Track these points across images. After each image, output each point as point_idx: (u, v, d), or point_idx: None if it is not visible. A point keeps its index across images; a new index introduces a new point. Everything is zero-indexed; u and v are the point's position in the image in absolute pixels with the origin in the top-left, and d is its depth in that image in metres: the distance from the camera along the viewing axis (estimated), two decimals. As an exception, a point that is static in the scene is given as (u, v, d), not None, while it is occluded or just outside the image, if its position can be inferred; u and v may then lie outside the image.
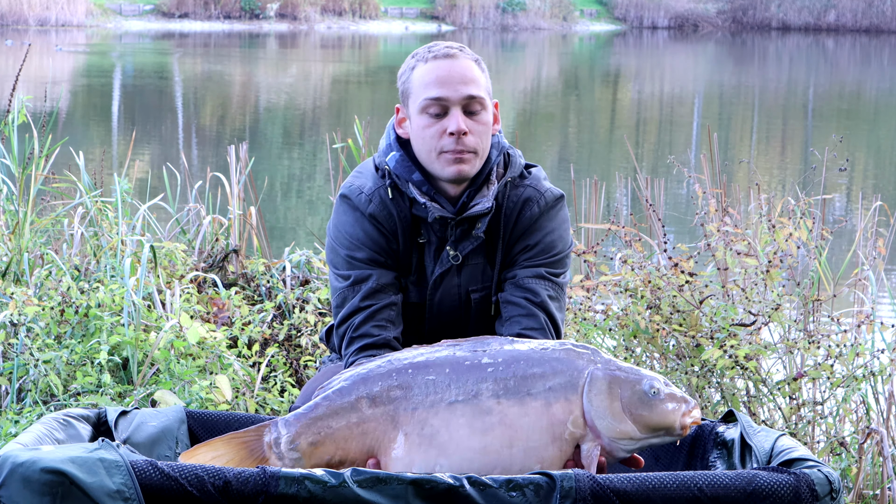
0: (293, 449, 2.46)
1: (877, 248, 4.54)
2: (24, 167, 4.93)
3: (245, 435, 2.48)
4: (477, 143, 2.81)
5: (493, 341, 2.49)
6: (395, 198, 2.86)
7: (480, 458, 2.40)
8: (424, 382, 2.44)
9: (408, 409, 2.44)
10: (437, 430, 2.41)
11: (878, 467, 3.67)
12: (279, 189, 11.15)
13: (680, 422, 2.43)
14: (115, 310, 4.22)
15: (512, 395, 2.42)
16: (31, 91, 15.26)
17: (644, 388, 2.42)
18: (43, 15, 34.19)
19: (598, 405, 2.42)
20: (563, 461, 2.43)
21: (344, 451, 2.46)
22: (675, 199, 10.46)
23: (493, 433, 2.40)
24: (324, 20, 38.47)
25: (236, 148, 5.78)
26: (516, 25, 40.24)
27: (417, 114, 2.82)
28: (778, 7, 42.39)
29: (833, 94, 23.59)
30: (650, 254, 4.64)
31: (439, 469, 2.40)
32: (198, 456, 2.45)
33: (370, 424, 2.45)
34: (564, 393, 2.42)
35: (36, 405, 3.91)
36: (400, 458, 2.43)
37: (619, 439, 2.42)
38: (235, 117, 17.51)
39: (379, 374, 2.46)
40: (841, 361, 3.72)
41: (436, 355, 2.47)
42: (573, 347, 2.47)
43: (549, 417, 2.41)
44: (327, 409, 2.47)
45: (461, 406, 2.41)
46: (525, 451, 2.41)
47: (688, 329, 3.87)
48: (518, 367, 2.43)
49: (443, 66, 2.81)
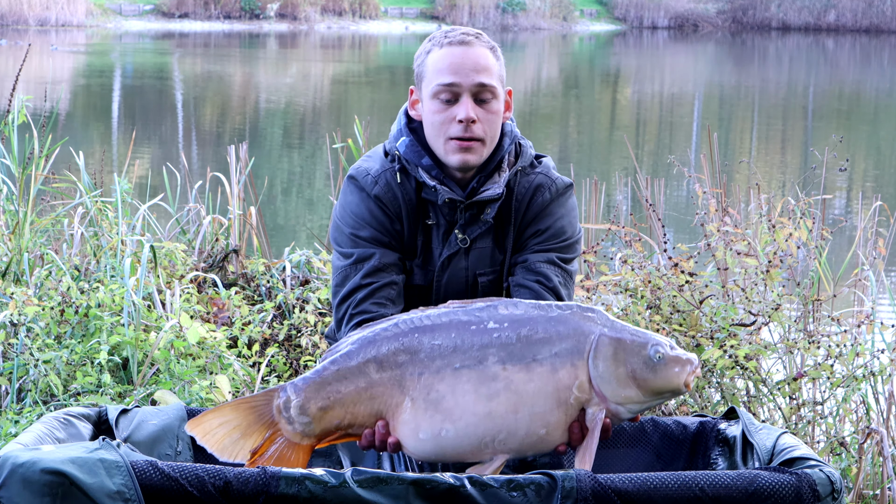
0: (303, 413, 2.47)
1: (877, 248, 4.54)
2: (24, 167, 4.93)
3: (253, 400, 2.48)
4: (485, 131, 2.84)
5: (499, 304, 2.49)
6: (403, 182, 2.89)
7: (486, 424, 2.42)
8: (430, 347, 2.45)
9: (414, 373, 2.45)
10: (442, 395, 2.43)
11: (878, 467, 3.67)
12: (279, 189, 11.15)
13: (684, 382, 2.45)
14: (115, 310, 4.22)
15: (517, 360, 2.43)
16: (30, 91, 15.25)
17: (649, 352, 2.44)
18: (43, 15, 34.18)
19: (603, 371, 2.43)
20: (567, 425, 2.44)
21: (353, 414, 2.48)
22: (675, 199, 10.46)
23: (498, 399, 2.42)
24: (324, 20, 38.46)
25: (236, 148, 5.78)
26: (516, 25, 40.24)
27: (429, 98, 2.84)
28: (778, 7, 42.38)
29: (833, 94, 23.59)
30: (650, 254, 4.64)
31: (445, 433, 2.42)
32: (205, 423, 2.46)
33: (378, 389, 2.47)
34: (570, 358, 2.43)
35: (36, 405, 3.91)
36: (407, 423, 2.45)
37: (624, 403, 2.45)
38: (235, 117, 17.51)
39: (385, 338, 2.47)
40: (841, 361, 3.72)
41: (442, 319, 2.48)
42: (579, 310, 2.48)
43: (555, 383, 2.43)
44: (336, 374, 2.48)
45: (467, 372, 2.43)
46: (531, 416, 2.42)
47: (688, 329, 3.87)
48: (523, 332, 2.44)
49: (457, 52, 2.83)
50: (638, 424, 2.78)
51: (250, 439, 2.48)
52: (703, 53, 35.16)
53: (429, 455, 2.48)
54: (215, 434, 2.47)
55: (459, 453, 2.46)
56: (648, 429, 2.78)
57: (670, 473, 2.26)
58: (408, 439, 2.46)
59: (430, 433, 2.43)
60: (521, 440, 2.43)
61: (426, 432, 2.44)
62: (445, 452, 2.47)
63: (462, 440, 2.43)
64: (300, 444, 2.49)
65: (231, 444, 2.47)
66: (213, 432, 2.47)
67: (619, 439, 2.79)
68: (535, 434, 2.42)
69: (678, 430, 2.76)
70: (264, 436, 2.48)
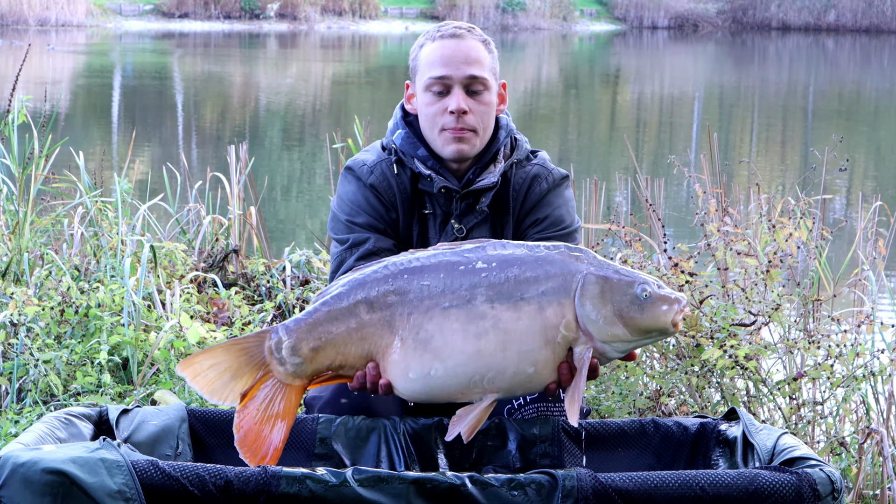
0: (295, 354, 2.50)
1: (877, 248, 4.54)
2: (24, 167, 4.93)
3: (245, 341, 2.50)
4: (477, 122, 2.89)
5: (487, 245, 2.52)
6: (400, 172, 2.95)
7: (474, 362, 2.44)
8: (419, 287, 2.47)
9: (403, 314, 2.47)
10: (431, 334, 2.45)
11: (878, 467, 3.67)
12: (279, 189, 11.14)
13: (672, 321, 2.46)
14: (115, 310, 4.22)
15: (505, 299, 2.45)
16: (30, 91, 15.25)
17: (636, 291, 2.45)
18: (43, 15, 34.18)
19: (590, 309, 2.45)
20: (556, 364, 2.47)
21: (343, 355, 2.51)
22: (675, 199, 10.46)
23: (486, 337, 2.44)
24: (324, 20, 38.46)
25: (236, 148, 5.78)
26: (516, 25, 40.24)
27: (422, 91, 2.91)
28: (778, 7, 42.38)
29: (833, 94, 23.59)
30: (650, 254, 4.64)
31: (434, 372, 2.45)
32: (195, 364, 2.47)
33: (368, 330, 2.49)
34: (557, 297, 2.45)
35: (36, 405, 3.91)
36: (397, 363, 2.48)
37: (611, 342, 2.47)
38: (235, 117, 17.50)
39: (375, 279, 2.50)
40: (841, 361, 3.72)
41: (431, 260, 2.50)
42: (566, 250, 2.51)
43: (543, 321, 2.45)
44: (327, 315, 2.50)
45: (455, 311, 2.45)
46: (518, 355, 2.44)
47: (688, 329, 3.87)
48: (511, 272, 2.47)
49: (448, 45, 2.89)
50: (638, 426, 2.78)
51: (241, 381, 2.49)
52: (703, 53, 35.16)
53: (418, 395, 2.51)
54: (206, 376, 2.48)
55: (449, 393, 2.49)
56: (649, 430, 2.78)
57: (671, 472, 2.26)
58: (398, 380, 2.49)
59: (420, 373, 2.46)
60: (510, 379, 2.46)
61: (415, 372, 2.46)
62: (435, 392, 2.49)
63: (451, 379, 2.46)
64: (291, 385, 2.51)
65: (222, 387, 2.48)
66: (203, 374, 2.47)
67: (620, 441, 2.79)
68: (524, 372, 2.45)
69: (679, 431, 2.76)
70: (255, 377, 2.49)
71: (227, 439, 2.74)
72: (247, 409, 2.48)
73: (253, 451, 2.46)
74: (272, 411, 2.49)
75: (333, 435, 2.75)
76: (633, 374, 3.84)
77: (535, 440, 2.76)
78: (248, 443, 2.46)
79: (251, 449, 2.46)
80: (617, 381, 3.83)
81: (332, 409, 2.83)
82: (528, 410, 2.82)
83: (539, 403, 2.81)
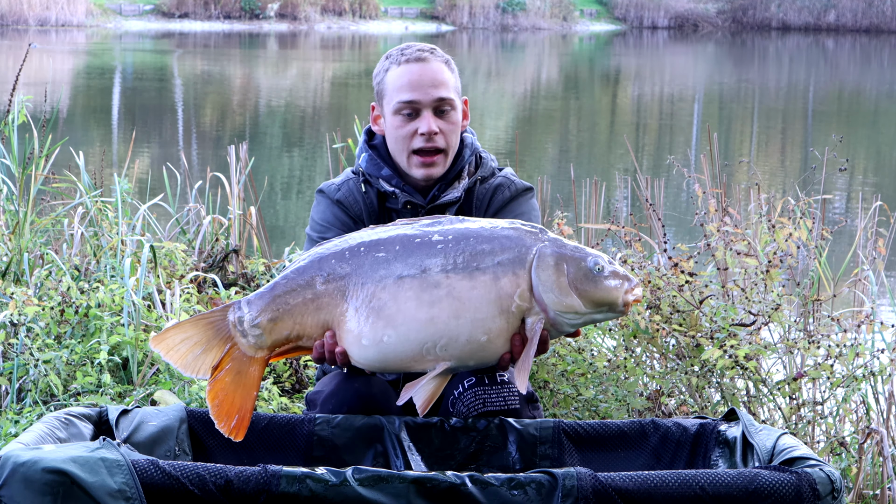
0: (255, 326, 2.60)
1: (877, 248, 4.54)
2: (24, 167, 4.93)
3: (211, 315, 2.62)
4: (447, 141, 3.00)
5: (444, 220, 2.60)
6: (367, 191, 3.07)
7: (427, 329, 2.51)
8: (374, 259, 2.55)
9: (357, 283, 2.55)
10: (384, 302, 2.52)
11: (878, 467, 3.67)
12: (279, 189, 11.15)
13: (623, 298, 2.54)
14: (115, 310, 4.22)
15: (461, 269, 2.52)
16: (28, 91, 15.25)
17: (589, 264, 2.54)
18: (43, 15, 34.17)
19: (545, 280, 2.52)
20: (509, 334, 2.54)
21: (301, 325, 2.59)
22: (675, 199, 10.46)
23: (440, 305, 2.50)
24: (324, 20, 38.46)
25: (236, 148, 5.78)
26: (516, 25, 40.23)
27: (391, 114, 3.01)
28: (778, 7, 42.37)
29: (833, 94, 23.59)
30: (650, 254, 4.64)
31: (387, 339, 2.52)
32: (168, 338, 2.59)
33: (323, 300, 2.57)
34: (512, 267, 2.53)
35: (36, 405, 3.91)
36: (351, 331, 2.55)
37: (564, 313, 2.54)
38: (235, 117, 17.51)
39: (333, 253, 2.59)
40: (841, 361, 3.72)
41: (388, 234, 2.59)
42: (521, 226, 2.59)
43: (497, 290, 2.52)
44: (285, 287, 2.60)
45: (409, 280, 2.52)
46: (472, 323, 2.51)
47: (688, 329, 3.87)
48: (468, 244, 2.54)
49: (414, 69, 2.98)
50: (638, 427, 2.78)
51: (210, 354, 2.61)
52: (703, 53, 35.15)
53: (372, 363, 2.58)
54: (178, 350, 2.60)
55: (402, 360, 2.55)
56: (649, 431, 2.78)
57: (671, 472, 2.26)
58: (352, 347, 2.56)
59: (372, 339, 2.53)
60: (463, 347, 2.52)
61: (368, 339, 2.53)
62: (388, 360, 2.56)
63: (403, 346, 2.52)
64: (254, 357, 2.62)
65: (193, 360, 2.61)
66: (176, 348, 2.60)
67: (620, 441, 2.79)
68: (477, 341, 2.51)
69: (678, 431, 2.76)
70: (223, 349, 2.61)
71: (227, 440, 2.75)
72: (216, 382, 2.60)
73: (225, 421, 2.58)
74: (239, 383, 2.60)
75: (332, 435, 2.76)
76: (632, 374, 3.84)
77: (534, 441, 2.76)
78: (221, 413, 2.59)
79: (223, 419, 2.58)
80: (617, 381, 3.83)
81: (335, 400, 2.86)
82: (468, 396, 2.86)
83: (477, 388, 2.86)
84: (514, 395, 2.87)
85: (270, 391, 4.20)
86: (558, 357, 3.86)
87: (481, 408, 2.84)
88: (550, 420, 2.78)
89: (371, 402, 2.84)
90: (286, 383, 4.37)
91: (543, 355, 3.68)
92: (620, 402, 3.79)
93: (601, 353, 3.97)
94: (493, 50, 34.36)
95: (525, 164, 11.95)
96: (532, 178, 10.31)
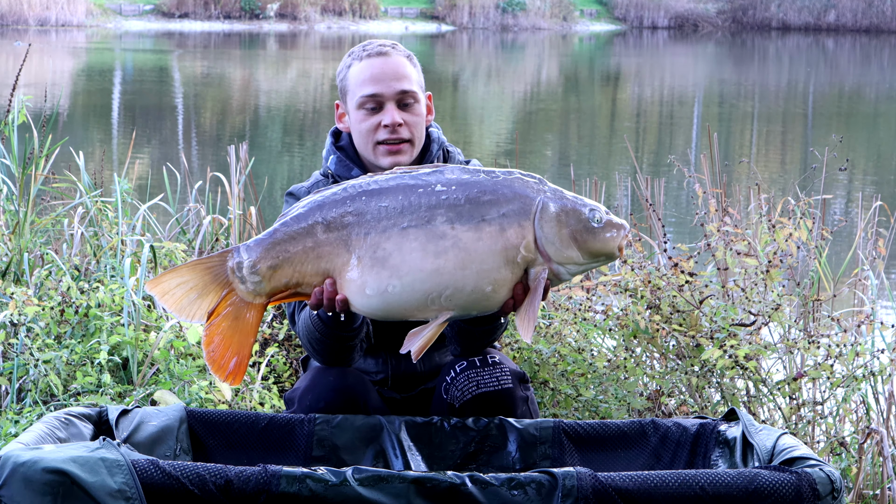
0: (254, 273, 2.60)
1: (877, 248, 4.54)
2: (24, 167, 4.93)
3: (209, 261, 2.62)
4: (412, 133, 3.01)
5: (445, 169, 2.61)
6: None
7: (432, 279, 2.52)
8: (377, 209, 2.56)
9: (360, 233, 2.56)
10: (389, 252, 2.54)
11: (878, 467, 3.67)
12: (279, 189, 11.14)
13: (618, 246, 2.60)
14: (115, 310, 4.22)
15: (466, 220, 2.54)
16: (28, 91, 15.25)
17: (589, 216, 2.58)
18: (43, 15, 34.18)
19: (548, 231, 2.56)
20: (513, 283, 2.57)
21: (300, 273, 2.60)
22: (675, 199, 10.46)
23: (446, 256, 2.52)
24: (324, 20, 38.46)
25: (236, 148, 5.78)
26: (516, 25, 40.23)
27: (355, 109, 3.01)
28: (778, 7, 42.37)
29: (833, 94, 23.58)
30: (650, 254, 4.64)
31: (391, 289, 2.53)
32: (164, 282, 2.59)
33: (325, 248, 2.58)
34: (517, 219, 2.56)
35: (36, 405, 3.91)
36: (353, 280, 2.56)
37: (565, 263, 2.58)
38: (235, 117, 17.51)
39: (334, 201, 2.60)
40: (841, 361, 3.72)
41: (389, 183, 2.59)
42: (521, 176, 2.62)
43: (504, 241, 2.55)
44: (285, 235, 2.60)
45: (414, 231, 2.54)
46: (478, 273, 2.53)
47: (688, 329, 3.87)
48: (472, 195, 2.56)
49: (376, 63, 2.99)
50: (638, 427, 2.78)
51: (207, 299, 2.60)
52: (703, 53, 35.15)
53: (375, 311, 2.59)
54: (174, 294, 2.60)
55: (405, 309, 2.57)
56: (648, 431, 2.78)
57: (671, 472, 2.26)
58: (354, 296, 2.57)
59: (376, 289, 2.54)
60: (467, 296, 2.55)
61: (372, 288, 2.54)
62: (391, 308, 2.57)
63: (408, 295, 2.54)
64: (252, 303, 2.62)
65: (189, 304, 2.60)
66: (171, 292, 2.60)
67: (620, 441, 2.79)
68: (482, 291, 2.54)
69: (678, 431, 2.76)
70: (220, 295, 2.61)
71: (227, 440, 2.75)
72: (213, 327, 2.60)
73: (221, 366, 2.59)
74: (236, 328, 2.61)
75: (332, 435, 2.76)
76: (632, 374, 3.84)
77: (535, 441, 2.76)
78: (217, 359, 2.59)
79: (219, 364, 2.59)
80: (617, 381, 3.83)
81: (311, 396, 2.86)
82: (461, 380, 2.88)
83: (470, 371, 2.88)
84: (507, 375, 2.89)
85: (270, 391, 4.21)
86: (559, 357, 3.86)
87: (475, 390, 2.86)
88: (550, 420, 2.78)
89: (348, 392, 2.86)
90: (286, 383, 4.37)
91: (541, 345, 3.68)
92: (620, 402, 3.79)
93: (601, 353, 3.97)
94: (493, 50, 34.36)
95: (525, 163, 11.94)
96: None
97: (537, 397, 3.83)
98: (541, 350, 3.84)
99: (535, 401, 2.99)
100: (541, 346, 3.84)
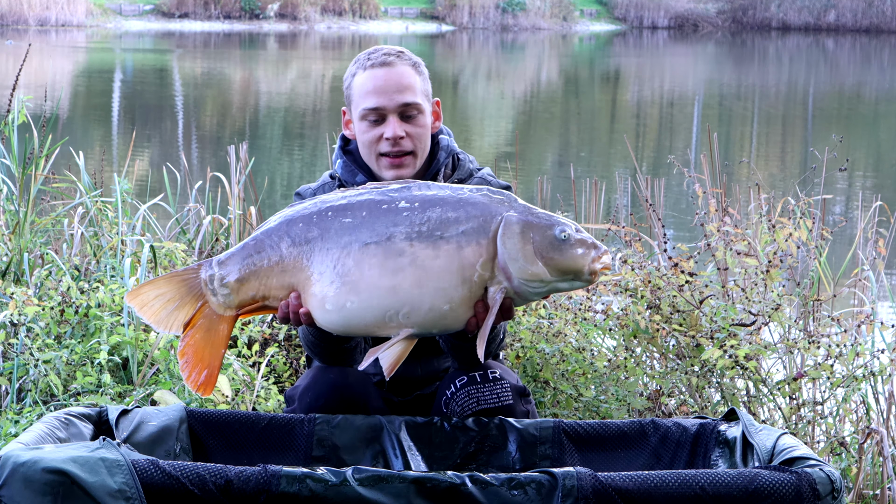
0: (224, 285, 2.66)
1: (877, 248, 4.55)
2: (24, 167, 4.93)
3: (185, 273, 2.69)
4: (415, 144, 2.99)
5: (413, 186, 2.62)
6: None
7: (390, 297, 2.54)
8: (341, 224, 2.59)
9: (323, 248, 2.59)
10: (348, 269, 2.56)
11: (878, 467, 3.67)
12: (279, 189, 11.14)
13: (589, 267, 2.56)
14: (115, 310, 4.22)
15: (425, 238, 2.55)
16: (28, 91, 15.25)
17: (555, 232, 2.55)
18: (43, 15, 34.17)
19: (510, 248, 2.54)
20: (472, 301, 2.56)
21: (266, 286, 2.65)
22: (675, 199, 10.46)
23: (403, 273, 2.53)
24: (324, 20, 38.46)
25: (236, 148, 5.78)
26: (516, 25, 40.23)
27: (358, 120, 3.01)
28: (778, 7, 42.37)
29: (833, 94, 23.58)
30: (650, 254, 4.64)
31: (350, 305, 2.55)
32: (142, 294, 2.66)
33: (289, 262, 2.62)
34: (476, 237, 2.55)
35: (36, 405, 3.91)
36: (315, 295, 2.59)
37: (530, 281, 2.55)
38: (235, 117, 17.51)
39: (302, 216, 2.63)
40: (841, 361, 3.72)
41: (357, 198, 2.62)
42: (489, 193, 2.61)
43: (460, 260, 2.54)
44: (254, 248, 2.65)
45: (374, 247, 2.55)
46: (434, 291, 2.54)
47: (688, 329, 3.87)
48: (434, 212, 2.56)
49: (379, 74, 2.97)
50: (638, 427, 2.78)
51: (183, 311, 2.67)
52: (703, 53, 35.15)
53: (335, 326, 2.61)
54: (152, 306, 2.67)
55: (365, 325, 2.59)
56: (648, 431, 2.78)
57: (671, 472, 2.26)
58: (316, 310, 2.60)
59: (336, 304, 2.56)
60: (425, 315, 2.55)
61: (332, 304, 2.57)
62: (351, 324, 2.60)
63: (366, 312, 2.55)
64: (223, 316, 2.68)
65: (166, 316, 2.67)
66: (150, 304, 2.67)
67: (620, 441, 2.79)
68: (439, 309, 2.54)
69: (678, 431, 2.76)
70: (195, 307, 2.68)
71: (227, 440, 2.75)
72: (187, 338, 2.67)
73: (191, 378, 2.65)
74: (208, 340, 2.67)
75: (332, 435, 2.76)
76: (632, 374, 3.84)
77: (535, 441, 2.76)
78: (190, 369, 2.66)
79: (189, 375, 2.65)
80: (617, 381, 3.83)
81: (311, 394, 2.86)
82: (461, 395, 2.88)
83: (470, 387, 2.88)
84: (507, 391, 2.88)
85: (270, 391, 4.21)
86: (559, 357, 3.86)
87: (475, 406, 2.85)
88: (550, 420, 2.78)
89: (347, 391, 2.86)
90: (286, 383, 4.37)
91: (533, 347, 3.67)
92: (620, 402, 3.79)
93: (601, 353, 3.97)
94: (493, 50, 34.36)
95: (525, 164, 11.95)
96: (532, 178, 10.31)
97: (538, 397, 3.83)
98: (543, 350, 3.84)
99: (535, 413, 2.98)
100: (543, 346, 3.84)
